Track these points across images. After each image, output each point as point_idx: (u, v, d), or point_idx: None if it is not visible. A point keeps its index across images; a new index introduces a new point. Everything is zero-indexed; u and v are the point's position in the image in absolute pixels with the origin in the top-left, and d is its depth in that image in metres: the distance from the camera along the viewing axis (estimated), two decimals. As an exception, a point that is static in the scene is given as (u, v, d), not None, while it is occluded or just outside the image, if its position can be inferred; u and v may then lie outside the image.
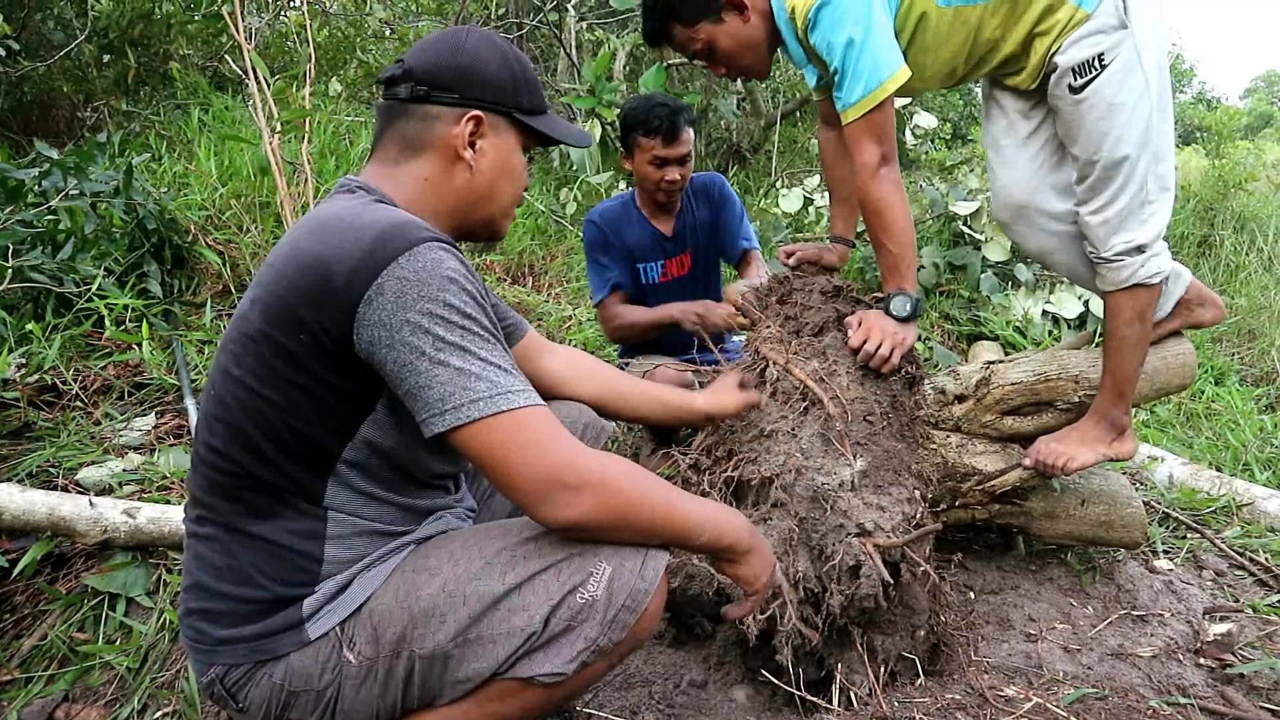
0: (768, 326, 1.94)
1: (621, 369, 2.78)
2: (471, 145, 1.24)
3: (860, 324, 1.81)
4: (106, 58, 5.00)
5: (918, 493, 1.67)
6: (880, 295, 1.87)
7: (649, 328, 2.66)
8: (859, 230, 2.51)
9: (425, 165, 1.24)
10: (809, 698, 1.56)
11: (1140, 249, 1.78)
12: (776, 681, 1.58)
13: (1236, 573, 2.25)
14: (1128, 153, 1.72)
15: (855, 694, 1.57)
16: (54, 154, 3.11)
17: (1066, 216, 1.93)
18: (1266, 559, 2.27)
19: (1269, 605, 2.03)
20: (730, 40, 1.88)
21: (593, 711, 1.59)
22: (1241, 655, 1.80)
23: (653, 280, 2.79)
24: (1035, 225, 1.98)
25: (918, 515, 1.62)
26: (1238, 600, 2.09)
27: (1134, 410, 2.20)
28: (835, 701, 1.56)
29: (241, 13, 3.30)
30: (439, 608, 1.12)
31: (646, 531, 1.14)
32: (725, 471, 1.69)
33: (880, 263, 1.85)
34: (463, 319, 1.06)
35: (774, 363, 1.83)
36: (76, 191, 2.95)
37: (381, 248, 1.05)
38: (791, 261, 2.15)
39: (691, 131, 2.56)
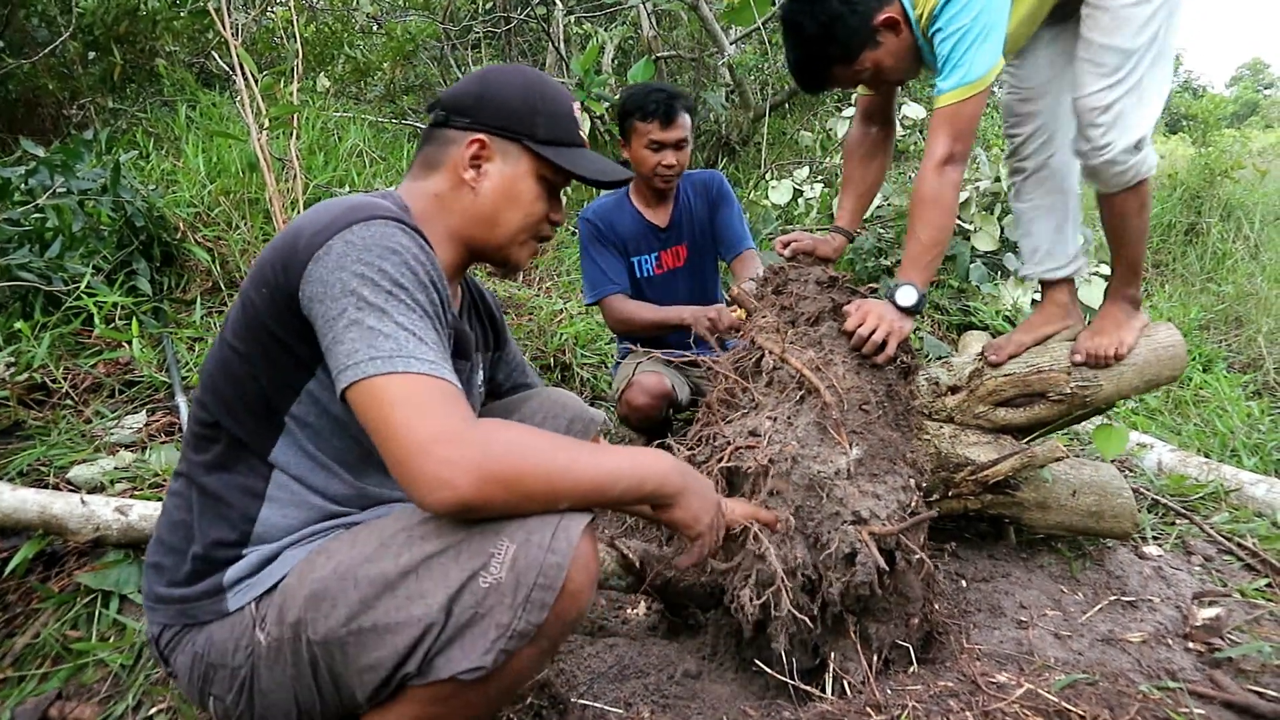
0: (764, 316, 1.95)
1: (622, 359, 2.80)
2: (476, 168, 1.29)
3: (859, 308, 1.82)
4: (92, 55, 4.95)
5: (913, 481, 1.68)
6: (874, 286, 1.88)
7: (655, 326, 2.65)
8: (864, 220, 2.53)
9: (437, 183, 1.30)
10: (802, 686, 1.57)
11: (1138, 146, 1.86)
12: (770, 671, 1.58)
13: (1225, 558, 2.27)
14: (1140, 44, 1.81)
15: (849, 682, 1.58)
16: (40, 152, 3.09)
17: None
18: (1254, 544, 2.29)
19: (1256, 589, 2.05)
20: (891, 57, 1.91)
21: (588, 703, 1.60)
22: (1230, 639, 1.82)
23: (648, 273, 2.79)
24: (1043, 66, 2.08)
25: (913, 503, 1.63)
26: (1226, 585, 2.11)
27: (1122, 400, 2.25)
28: (829, 690, 1.57)
29: (228, 8, 3.28)
30: (330, 590, 1.07)
31: (547, 498, 1.06)
32: (721, 462, 1.69)
33: (906, 249, 1.90)
34: (392, 285, 1.07)
35: (770, 352, 1.83)
36: (64, 189, 2.93)
37: (344, 216, 1.10)
38: (787, 252, 2.15)
39: (688, 118, 2.57)
